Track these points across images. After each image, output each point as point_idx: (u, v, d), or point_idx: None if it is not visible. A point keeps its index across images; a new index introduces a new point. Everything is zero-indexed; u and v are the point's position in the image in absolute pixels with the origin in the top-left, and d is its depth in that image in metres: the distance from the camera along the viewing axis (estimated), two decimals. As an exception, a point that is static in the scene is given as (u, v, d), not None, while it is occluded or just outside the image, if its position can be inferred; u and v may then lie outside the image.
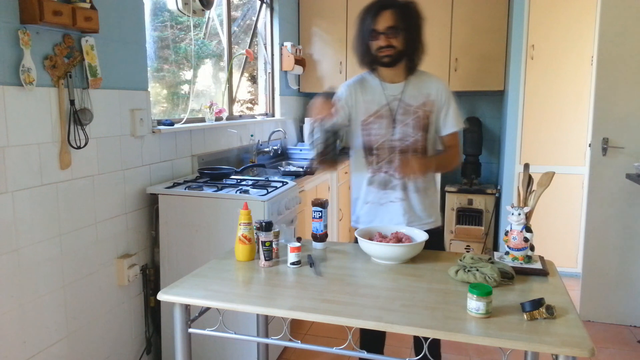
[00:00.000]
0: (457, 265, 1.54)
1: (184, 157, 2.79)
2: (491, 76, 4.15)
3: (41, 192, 1.88)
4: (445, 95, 1.88)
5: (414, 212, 1.91)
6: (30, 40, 1.77)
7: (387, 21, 1.77)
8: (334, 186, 3.90)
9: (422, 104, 1.87)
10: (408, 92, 1.87)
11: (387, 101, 1.88)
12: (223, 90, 3.45)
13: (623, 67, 2.97)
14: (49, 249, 1.93)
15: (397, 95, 1.87)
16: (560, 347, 1.12)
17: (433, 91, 1.87)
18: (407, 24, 1.78)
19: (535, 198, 1.63)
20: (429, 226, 1.92)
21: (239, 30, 3.83)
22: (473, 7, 4.14)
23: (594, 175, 3.09)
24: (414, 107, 1.86)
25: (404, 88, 1.87)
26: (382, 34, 1.78)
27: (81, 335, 2.11)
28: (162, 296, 1.41)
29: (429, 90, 1.87)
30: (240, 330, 2.16)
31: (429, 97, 1.87)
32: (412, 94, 1.87)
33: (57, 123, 1.93)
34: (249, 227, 1.67)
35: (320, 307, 1.32)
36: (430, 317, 1.25)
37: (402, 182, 1.90)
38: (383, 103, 1.88)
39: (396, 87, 1.88)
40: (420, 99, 1.87)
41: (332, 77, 4.58)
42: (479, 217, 4.14)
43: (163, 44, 2.90)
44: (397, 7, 1.78)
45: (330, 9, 4.50)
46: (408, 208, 1.91)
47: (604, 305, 3.16)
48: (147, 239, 2.50)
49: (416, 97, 1.87)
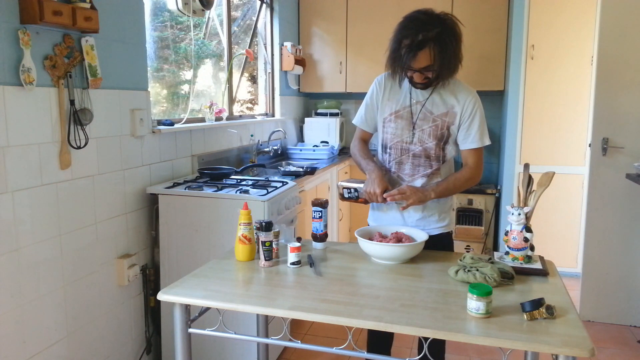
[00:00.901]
0: (457, 265, 1.54)
1: (184, 157, 2.79)
2: (491, 76, 4.15)
3: (41, 192, 1.88)
4: (470, 108, 1.80)
5: (423, 216, 1.89)
6: (30, 40, 1.77)
7: (425, 62, 1.67)
8: (334, 186, 3.90)
9: (444, 113, 1.82)
10: (432, 99, 1.83)
11: (410, 104, 1.85)
12: (223, 90, 3.45)
13: (623, 67, 2.97)
14: (49, 249, 1.93)
15: (421, 100, 1.84)
16: (560, 347, 1.12)
17: (458, 103, 1.81)
18: (446, 59, 1.67)
19: (535, 198, 1.63)
20: (440, 230, 1.91)
21: (239, 30, 3.83)
22: (473, 7, 4.14)
23: (594, 175, 3.09)
24: (434, 115, 1.83)
25: (430, 94, 1.83)
26: (418, 71, 1.71)
27: (81, 335, 2.11)
28: (162, 296, 1.41)
29: (454, 102, 1.81)
30: (240, 330, 2.16)
31: (452, 109, 1.82)
32: (437, 102, 1.83)
33: (57, 123, 1.93)
34: (249, 227, 1.67)
35: (320, 307, 1.32)
36: (430, 317, 1.25)
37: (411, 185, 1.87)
38: (406, 104, 1.86)
39: (423, 92, 1.84)
40: (443, 109, 1.82)
41: (332, 77, 4.58)
42: (479, 217, 4.14)
43: (163, 44, 2.90)
44: (434, 42, 1.64)
45: (330, 9, 4.50)
46: (416, 212, 1.89)
47: (604, 305, 3.16)
48: (147, 239, 2.50)
49: (439, 106, 1.82)
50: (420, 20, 1.67)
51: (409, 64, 1.68)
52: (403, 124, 1.86)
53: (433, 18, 1.67)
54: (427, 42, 1.63)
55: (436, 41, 1.64)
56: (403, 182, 1.89)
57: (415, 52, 1.65)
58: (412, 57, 1.66)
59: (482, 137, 1.84)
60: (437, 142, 1.83)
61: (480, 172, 1.89)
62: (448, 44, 1.66)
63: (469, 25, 4.15)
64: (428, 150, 1.84)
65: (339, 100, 4.79)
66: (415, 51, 1.65)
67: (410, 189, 1.77)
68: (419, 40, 1.63)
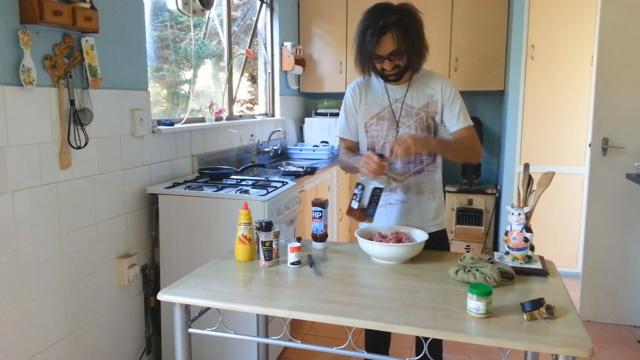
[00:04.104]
0: (457, 265, 1.54)
1: (184, 157, 2.79)
2: (491, 76, 4.15)
3: (41, 192, 1.88)
4: (448, 93, 1.82)
5: (416, 214, 1.90)
6: (30, 40, 1.77)
7: (390, 46, 1.69)
8: (334, 186, 3.90)
9: (425, 105, 1.84)
10: (411, 94, 1.85)
11: (389, 103, 1.87)
12: (223, 90, 3.45)
13: (623, 67, 2.97)
14: (49, 249, 1.93)
15: (399, 97, 1.86)
16: (560, 347, 1.11)
17: (436, 91, 1.83)
18: (411, 41, 1.70)
19: (535, 198, 1.63)
20: (435, 228, 1.91)
21: (239, 30, 3.83)
22: (473, 7, 4.14)
23: (594, 175, 3.09)
24: (416, 109, 1.84)
25: (407, 90, 1.85)
26: (386, 59, 1.72)
27: (81, 335, 2.11)
28: (162, 296, 1.41)
29: (432, 91, 1.84)
30: (240, 330, 2.17)
31: (432, 98, 1.84)
32: (415, 96, 1.85)
33: (57, 123, 1.93)
34: (249, 227, 1.67)
35: (320, 307, 1.32)
36: (430, 317, 1.25)
37: (403, 184, 1.89)
38: (385, 105, 1.87)
39: (399, 89, 1.86)
40: (423, 100, 1.84)
41: (332, 77, 4.58)
42: (479, 217, 4.14)
43: (163, 43, 2.90)
44: (396, 27, 1.67)
45: (330, 9, 4.50)
46: (408, 210, 1.90)
47: (604, 305, 3.16)
48: (147, 239, 2.50)
49: (419, 99, 1.84)
50: (380, 9, 1.72)
51: (375, 51, 1.71)
52: (386, 125, 1.87)
53: (392, 6, 1.73)
54: (388, 27, 1.68)
55: (397, 25, 1.68)
56: (395, 181, 1.89)
57: (379, 37, 1.68)
58: (375, 42, 1.69)
59: (466, 117, 1.85)
60: (426, 135, 1.84)
61: (480, 147, 1.88)
62: (410, 27, 1.70)
63: (469, 25, 4.19)
64: None
65: (339, 100, 4.79)
66: (379, 36, 1.68)
67: (408, 136, 1.70)
68: (380, 25, 1.68)
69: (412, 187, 1.89)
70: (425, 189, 1.90)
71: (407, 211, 1.90)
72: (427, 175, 1.89)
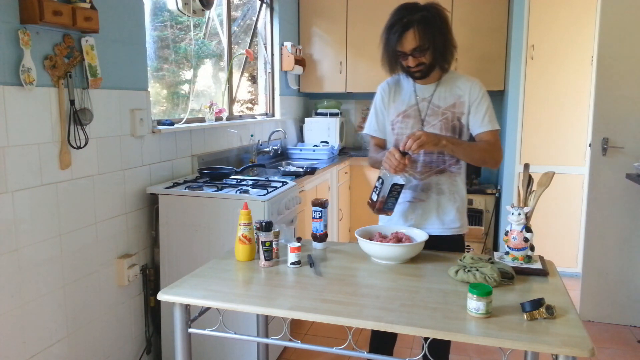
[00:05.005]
0: (457, 265, 1.54)
1: (184, 157, 2.79)
2: (491, 76, 4.15)
3: (41, 192, 1.88)
4: (476, 94, 1.82)
5: (434, 215, 1.88)
6: (30, 40, 1.77)
7: (412, 42, 1.71)
8: (334, 186, 3.90)
9: (452, 105, 1.83)
10: (438, 94, 1.85)
11: (416, 102, 1.87)
12: (223, 90, 3.45)
13: (623, 67, 2.97)
14: (49, 249, 1.93)
15: (427, 97, 1.86)
16: (560, 347, 1.11)
17: (464, 92, 1.83)
18: (433, 38, 1.71)
19: (535, 198, 1.63)
20: (453, 231, 1.89)
21: (239, 30, 3.83)
22: (473, 7, 4.14)
23: (594, 175, 3.09)
24: (442, 108, 1.84)
25: (435, 89, 1.85)
26: (410, 55, 1.74)
27: (81, 335, 2.11)
28: (162, 296, 1.41)
29: (460, 92, 1.83)
30: (240, 330, 2.16)
31: (459, 99, 1.83)
32: (443, 96, 1.84)
33: (57, 123, 1.93)
34: (249, 227, 1.67)
35: (320, 307, 1.32)
36: (430, 317, 1.25)
37: (423, 183, 1.87)
38: (412, 103, 1.87)
39: (428, 88, 1.86)
40: (450, 100, 1.84)
41: (332, 77, 4.58)
42: (479, 217, 4.14)
43: (163, 43, 2.90)
44: (418, 23, 1.69)
45: (330, 9, 4.50)
46: (427, 210, 1.88)
47: (604, 305, 3.16)
48: (147, 239, 2.50)
49: (446, 99, 1.84)
50: (406, 8, 1.75)
51: (397, 47, 1.74)
52: (412, 123, 1.87)
53: (418, 5, 1.75)
54: (411, 23, 1.70)
55: (420, 22, 1.70)
56: (415, 180, 1.88)
57: (401, 33, 1.71)
58: (398, 38, 1.72)
59: (492, 120, 1.84)
60: (451, 135, 1.83)
61: (501, 152, 1.88)
62: (433, 24, 1.72)
63: (469, 25, 4.19)
64: None
65: (339, 100, 4.80)
66: (401, 32, 1.71)
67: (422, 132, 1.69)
68: (404, 22, 1.71)
69: (433, 187, 1.88)
70: (445, 190, 1.88)
71: (425, 211, 1.89)
72: (449, 176, 1.88)
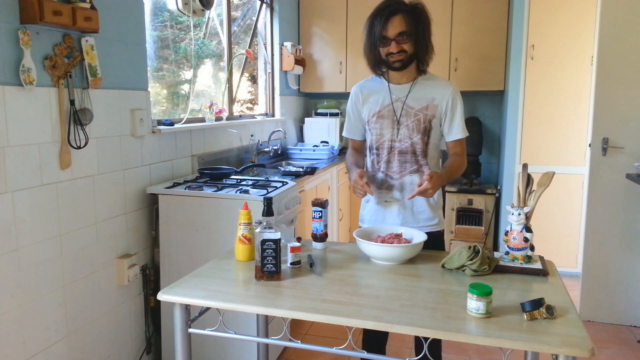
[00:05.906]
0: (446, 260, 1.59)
1: (184, 157, 2.79)
2: (491, 76, 4.15)
3: (41, 192, 1.88)
4: (450, 100, 1.86)
5: (412, 213, 1.92)
6: (30, 40, 1.77)
7: (398, 27, 1.75)
8: (334, 186, 3.90)
9: (425, 107, 1.87)
10: (413, 95, 1.88)
11: (390, 102, 1.89)
12: (223, 90, 3.45)
13: (623, 67, 2.97)
14: (49, 249, 1.93)
15: (401, 97, 1.88)
16: (560, 347, 1.11)
17: (438, 95, 1.87)
18: (417, 28, 1.77)
19: (535, 198, 1.63)
20: (430, 228, 1.92)
21: (239, 30, 3.83)
22: (473, 7, 4.14)
23: (594, 175, 3.09)
24: (415, 109, 1.87)
25: (409, 90, 1.88)
26: (393, 40, 1.77)
27: (81, 335, 2.11)
28: (162, 296, 1.41)
29: (434, 95, 1.87)
30: (240, 330, 2.17)
31: (432, 101, 1.87)
32: (416, 97, 1.88)
33: (57, 123, 1.93)
34: (249, 227, 1.67)
35: (320, 307, 1.32)
36: (430, 317, 1.25)
37: (399, 182, 1.91)
38: (386, 104, 1.90)
39: (402, 88, 1.89)
40: (424, 102, 1.87)
41: (332, 77, 4.58)
42: (479, 217, 4.13)
43: (163, 43, 2.90)
44: (406, 11, 1.75)
45: (330, 9, 4.50)
46: (404, 209, 1.92)
47: (604, 305, 3.16)
48: (147, 239, 2.50)
49: (419, 100, 1.87)
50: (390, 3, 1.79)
51: (382, 33, 1.77)
52: (387, 123, 1.90)
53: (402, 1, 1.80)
54: (399, 10, 1.75)
55: (408, 10, 1.76)
56: (392, 180, 1.92)
57: (388, 17, 1.75)
58: (384, 23, 1.75)
59: (464, 128, 1.91)
60: (421, 137, 1.87)
61: (466, 161, 1.98)
62: (420, 15, 1.78)
63: (469, 25, 4.19)
64: (414, 145, 1.88)
65: (339, 100, 4.79)
66: (388, 16, 1.75)
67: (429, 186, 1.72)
68: (392, 9, 1.76)
69: (407, 186, 1.91)
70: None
71: (401, 210, 1.92)
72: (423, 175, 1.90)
